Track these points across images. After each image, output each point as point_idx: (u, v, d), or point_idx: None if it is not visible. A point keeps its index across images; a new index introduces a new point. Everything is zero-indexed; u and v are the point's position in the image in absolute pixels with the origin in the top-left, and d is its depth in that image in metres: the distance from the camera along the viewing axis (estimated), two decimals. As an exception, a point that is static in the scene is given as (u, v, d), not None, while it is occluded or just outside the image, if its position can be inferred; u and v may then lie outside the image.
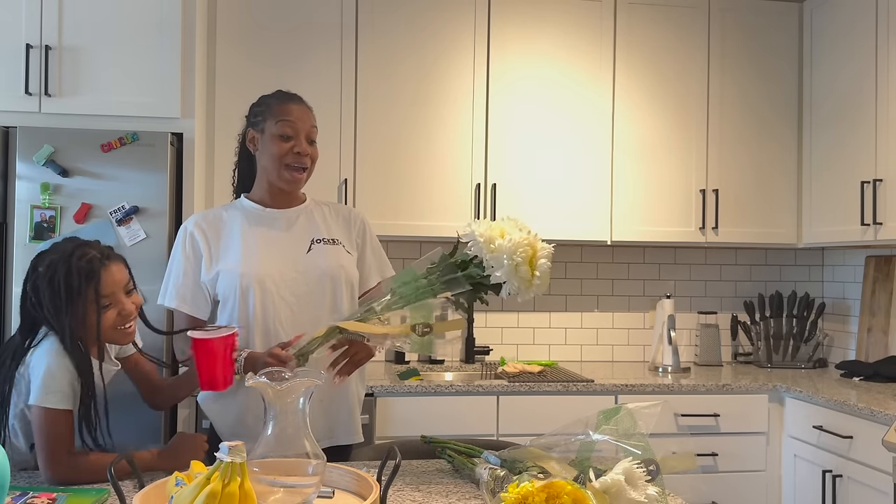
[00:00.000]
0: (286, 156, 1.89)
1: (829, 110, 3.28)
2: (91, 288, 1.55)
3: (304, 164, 1.91)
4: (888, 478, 2.43)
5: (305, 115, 1.94)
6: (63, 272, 1.55)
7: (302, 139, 1.90)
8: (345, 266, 1.96)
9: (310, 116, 1.95)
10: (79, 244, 1.61)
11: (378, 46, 3.15)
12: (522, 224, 1.49)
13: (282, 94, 1.98)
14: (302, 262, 1.92)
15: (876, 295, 3.36)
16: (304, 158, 1.91)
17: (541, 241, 1.48)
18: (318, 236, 1.97)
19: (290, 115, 1.91)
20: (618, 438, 1.33)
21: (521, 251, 1.38)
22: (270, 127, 1.91)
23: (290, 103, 1.94)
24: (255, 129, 1.95)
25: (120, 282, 1.62)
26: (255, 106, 1.99)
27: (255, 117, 1.97)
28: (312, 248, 1.95)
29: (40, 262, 1.59)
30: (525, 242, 1.39)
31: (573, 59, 3.28)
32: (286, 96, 1.97)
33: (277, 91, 2.01)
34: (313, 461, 1.27)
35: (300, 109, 1.94)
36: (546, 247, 1.47)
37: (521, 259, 1.39)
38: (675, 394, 2.99)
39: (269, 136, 1.91)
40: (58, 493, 1.41)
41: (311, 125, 1.94)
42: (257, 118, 1.96)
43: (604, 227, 3.29)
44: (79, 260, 1.56)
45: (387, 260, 2.12)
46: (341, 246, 1.99)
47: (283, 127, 1.89)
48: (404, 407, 2.82)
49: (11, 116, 2.67)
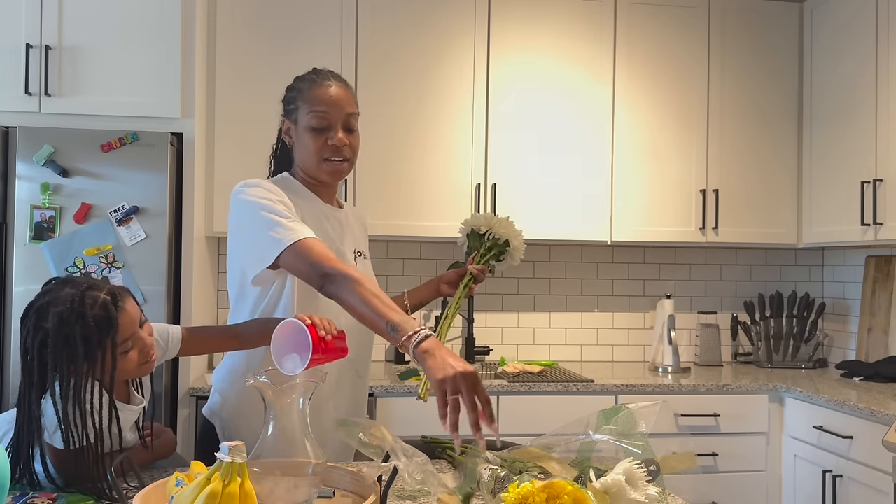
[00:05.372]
0: (322, 150, 1.73)
1: (830, 110, 3.28)
2: (109, 338, 1.42)
3: (343, 155, 1.74)
4: (888, 478, 2.43)
5: (341, 99, 1.73)
6: (79, 327, 1.39)
7: (338, 128, 1.72)
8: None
9: (346, 99, 1.75)
10: (83, 289, 1.44)
11: (378, 47, 3.14)
12: (498, 217, 2.08)
13: (314, 76, 1.77)
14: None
15: (876, 295, 3.36)
16: (343, 150, 1.73)
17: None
18: (358, 248, 1.85)
19: (321, 103, 1.71)
20: (618, 438, 1.33)
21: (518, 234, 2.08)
22: (303, 117, 1.73)
23: (323, 87, 1.73)
24: (289, 118, 1.78)
25: (135, 319, 1.50)
26: (289, 90, 1.80)
27: (288, 105, 1.79)
28: (357, 261, 1.82)
29: (45, 317, 1.40)
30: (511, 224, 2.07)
31: (573, 59, 3.28)
32: (319, 77, 1.76)
33: (311, 71, 1.81)
34: (313, 461, 1.26)
35: (335, 93, 1.73)
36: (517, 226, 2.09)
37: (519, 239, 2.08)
38: (676, 394, 2.99)
39: (302, 127, 1.74)
40: (58, 494, 1.41)
41: (347, 112, 1.74)
42: (290, 106, 1.77)
43: (604, 227, 3.29)
44: (92, 309, 1.41)
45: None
46: (370, 261, 1.92)
47: (315, 118, 1.71)
48: (404, 407, 2.82)
49: (11, 116, 2.67)
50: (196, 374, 2.87)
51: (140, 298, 2.57)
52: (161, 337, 1.64)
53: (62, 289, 1.43)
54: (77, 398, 1.40)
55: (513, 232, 2.03)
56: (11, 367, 2.60)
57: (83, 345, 1.40)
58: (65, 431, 1.39)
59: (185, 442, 2.72)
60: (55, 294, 1.43)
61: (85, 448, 1.42)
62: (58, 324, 1.39)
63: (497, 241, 2.02)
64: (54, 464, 1.45)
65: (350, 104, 1.76)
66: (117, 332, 1.43)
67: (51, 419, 1.41)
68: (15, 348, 2.59)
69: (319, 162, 1.74)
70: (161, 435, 1.69)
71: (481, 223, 2.04)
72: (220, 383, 1.86)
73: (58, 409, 1.39)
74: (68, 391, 1.40)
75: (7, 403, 2.60)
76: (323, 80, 1.76)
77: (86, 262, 2.60)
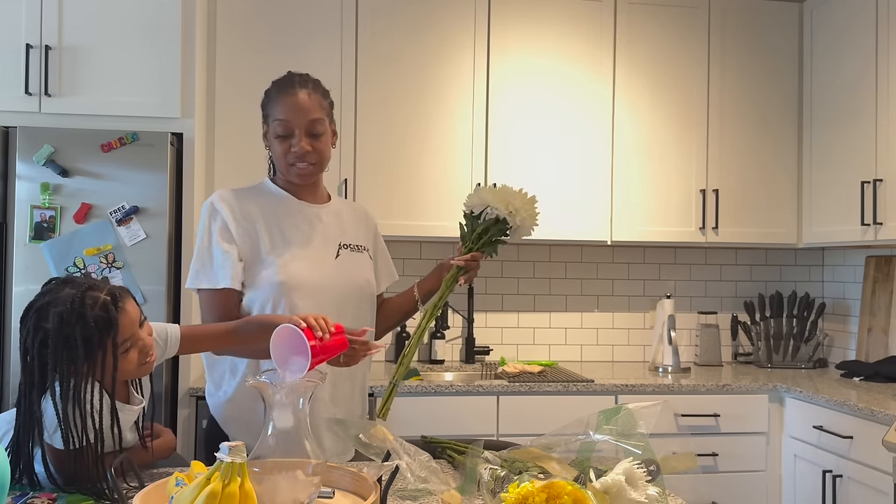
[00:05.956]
0: (287, 155, 1.80)
1: (830, 110, 3.28)
2: (110, 338, 1.42)
3: (308, 161, 1.80)
4: (888, 478, 2.43)
5: (304, 106, 1.77)
6: (79, 328, 1.39)
7: (301, 136, 1.78)
8: (370, 281, 1.91)
9: (310, 106, 1.79)
10: (83, 289, 1.43)
11: (378, 47, 3.15)
12: (504, 187, 1.84)
13: (280, 84, 1.83)
14: (330, 268, 1.83)
15: (876, 295, 3.36)
16: (307, 156, 1.79)
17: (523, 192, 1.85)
18: (345, 241, 1.89)
19: (283, 112, 1.77)
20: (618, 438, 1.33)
21: (525, 206, 1.82)
22: (271, 124, 1.81)
23: (287, 95, 1.78)
24: (264, 123, 1.86)
25: (135, 319, 1.49)
26: (264, 96, 1.86)
27: (263, 110, 1.86)
28: (340, 255, 1.87)
29: (45, 317, 1.40)
30: (521, 195, 1.82)
31: (573, 59, 3.28)
32: (284, 85, 1.81)
33: (283, 75, 1.86)
34: (313, 461, 1.26)
35: (296, 101, 1.77)
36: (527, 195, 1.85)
37: (528, 212, 1.83)
38: (676, 394, 2.99)
39: (271, 134, 1.82)
40: (58, 494, 1.41)
41: (309, 118, 1.78)
42: (264, 112, 1.85)
43: (604, 227, 3.29)
44: (92, 309, 1.41)
45: (391, 262, 2.11)
46: (367, 254, 1.94)
47: (279, 126, 1.78)
48: (405, 407, 2.82)
49: (11, 116, 2.67)
50: (196, 374, 2.87)
51: (140, 298, 2.57)
52: (160, 336, 1.64)
53: (62, 289, 1.43)
54: (77, 398, 1.40)
55: (518, 204, 1.79)
56: (11, 367, 2.60)
57: (83, 345, 1.39)
58: (65, 432, 1.39)
59: (185, 442, 2.72)
60: (55, 294, 1.42)
61: (85, 448, 1.42)
62: (58, 324, 1.39)
63: (497, 220, 1.80)
64: (54, 464, 1.45)
65: (314, 110, 1.80)
66: (118, 333, 1.43)
67: (51, 419, 1.41)
68: (15, 348, 2.59)
69: (287, 166, 1.82)
70: (161, 435, 1.69)
71: (475, 203, 1.82)
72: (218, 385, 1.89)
73: (58, 409, 1.39)
74: (68, 391, 1.39)
75: (7, 403, 2.60)
76: (287, 87, 1.81)
77: (86, 262, 2.60)
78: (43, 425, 1.42)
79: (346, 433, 1.42)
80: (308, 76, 1.86)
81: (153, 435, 1.65)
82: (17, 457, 1.43)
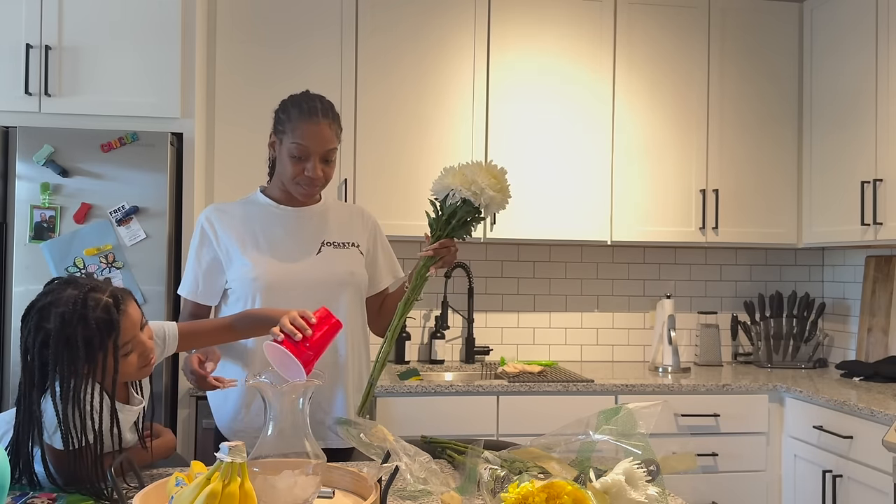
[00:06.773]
0: (298, 177, 1.86)
1: (830, 110, 3.28)
2: (111, 340, 1.42)
3: (315, 185, 1.88)
4: (888, 478, 2.43)
5: (323, 135, 1.84)
6: (81, 329, 1.39)
7: (315, 161, 1.85)
8: (355, 272, 1.95)
9: (329, 137, 1.86)
10: (86, 290, 1.43)
11: (378, 48, 3.15)
12: (469, 164, 1.74)
13: (304, 109, 1.85)
14: (309, 264, 1.91)
15: (876, 295, 3.36)
16: (316, 181, 1.87)
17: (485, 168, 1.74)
18: (329, 239, 1.96)
19: (305, 137, 1.83)
20: (618, 438, 1.33)
21: (492, 182, 1.70)
22: (287, 142, 1.85)
23: (310, 122, 1.83)
24: (276, 135, 1.90)
25: (137, 322, 1.49)
26: (280, 111, 1.90)
27: (277, 122, 1.90)
28: (322, 251, 1.93)
29: (46, 318, 1.40)
30: (487, 170, 1.71)
31: (573, 59, 3.28)
32: (308, 111, 1.85)
33: (303, 98, 1.89)
34: (313, 461, 1.27)
35: (319, 130, 1.83)
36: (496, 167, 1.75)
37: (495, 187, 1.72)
38: (676, 394, 2.99)
39: (285, 149, 1.86)
40: (58, 494, 1.41)
41: (327, 148, 1.85)
42: (278, 126, 1.89)
43: (604, 227, 3.29)
44: (94, 311, 1.40)
45: (396, 260, 2.15)
46: (356, 249, 1.99)
47: (297, 149, 1.84)
48: (405, 407, 2.82)
49: (11, 116, 2.67)
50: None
51: (140, 298, 2.57)
52: (158, 336, 1.64)
53: (65, 289, 1.43)
54: (77, 399, 1.40)
55: (484, 181, 1.68)
56: (11, 367, 2.60)
57: (84, 346, 1.39)
58: (64, 432, 1.39)
59: (185, 442, 2.72)
60: (57, 294, 1.42)
61: (84, 449, 1.42)
62: (59, 324, 1.38)
63: (464, 202, 1.70)
64: (54, 464, 1.45)
65: (332, 140, 1.87)
66: (119, 335, 1.43)
67: (51, 419, 1.41)
68: (15, 348, 2.59)
69: (294, 185, 1.89)
70: (161, 435, 1.69)
71: (439, 189, 1.74)
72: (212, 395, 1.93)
73: (58, 409, 1.39)
74: (68, 392, 1.39)
75: (7, 403, 2.60)
76: (311, 114, 1.85)
77: (86, 262, 2.60)
78: (43, 425, 1.42)
79: (348, 433, 1.42)
80: (329, 104, 1.91)
81: (153, 435, 1.65)
82: (16, 457, 1.43)
